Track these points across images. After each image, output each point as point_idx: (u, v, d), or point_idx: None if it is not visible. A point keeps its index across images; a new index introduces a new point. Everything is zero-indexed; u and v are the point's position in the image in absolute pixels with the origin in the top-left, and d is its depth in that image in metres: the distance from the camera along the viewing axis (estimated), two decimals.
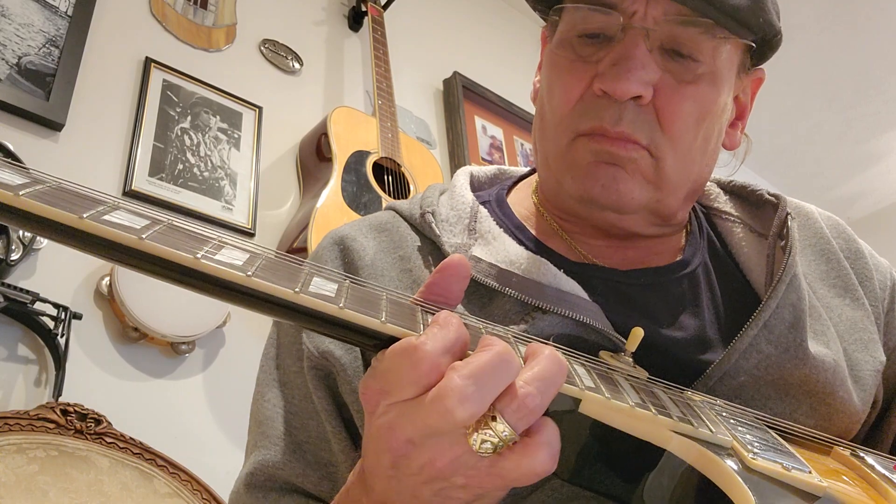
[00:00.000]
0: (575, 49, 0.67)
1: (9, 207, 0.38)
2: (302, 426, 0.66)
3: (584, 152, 0.66)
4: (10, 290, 1.37)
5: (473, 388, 0.40)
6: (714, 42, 0.64)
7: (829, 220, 0.80)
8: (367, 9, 2.33)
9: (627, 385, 0.50)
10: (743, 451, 0.48)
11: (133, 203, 0.44)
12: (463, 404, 0.40)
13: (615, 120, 0.63)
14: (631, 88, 0.62)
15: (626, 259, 0.71)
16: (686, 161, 0.67)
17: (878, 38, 2.82)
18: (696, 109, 0.65)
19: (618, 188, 0.65)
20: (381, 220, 0.75)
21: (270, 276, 0.41)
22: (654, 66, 0.63)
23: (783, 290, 0.65)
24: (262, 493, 0.65)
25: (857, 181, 3.51)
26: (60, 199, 0.39)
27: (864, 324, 0.70)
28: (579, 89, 0.66)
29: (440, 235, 0.69)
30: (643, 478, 0.49)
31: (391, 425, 0.42)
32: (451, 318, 0.44)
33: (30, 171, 0.41)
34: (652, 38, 0.63)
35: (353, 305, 0.43)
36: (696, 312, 0.68)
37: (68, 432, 1.33)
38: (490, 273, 0.64)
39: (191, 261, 0.40)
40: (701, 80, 0.65)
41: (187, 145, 1.84)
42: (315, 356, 0.65)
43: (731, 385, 0.62)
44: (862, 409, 0.66)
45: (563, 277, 0.64)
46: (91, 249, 0.40)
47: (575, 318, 0.60)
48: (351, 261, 0.69)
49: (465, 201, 0.73)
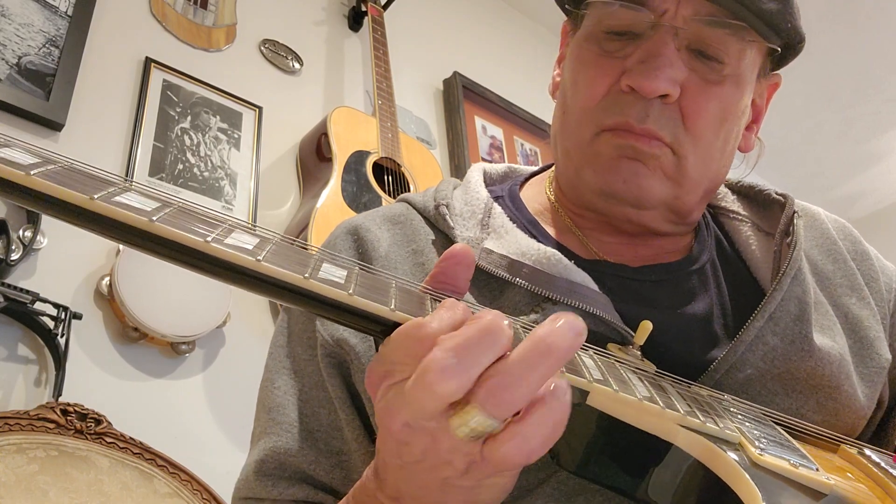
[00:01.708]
0: (602, 44, 0.67)
1: (20, 187, 0.38)
2: (313, 414, 0.66)
3: (607, 147, 0.66)
4: (10, 290, 1.37)
5: (454, 361, 0.38)
6: (741, 45, 0.65)
7: (835, 222, 0.80)
8: (367, 9, 2.33)
9: (635, 378, 0.49)
10: (750, 447, 0.48)
11: (144, 185, 0.44)
12: (443, 377, 0.38)
13: (641, 117, 0.64)
14: (660, 86, 0.63)
15: (638, 256, 0.71)
16: (706, 160, 0.67)
17: (878, 37, 2.82)
18: (719, 110, 0.66)
19: (639, 183, 0.65)
20: (395, 212, 0.75)
21: (280, 261, 0.41)
22: (682, 65, 0.64)
23: (788, 283, 0.65)
24: (273, 482, 0.64)
25: (857, 181, 3.51)
26: (71, 179, 0.39)
27: (869, 322, 0.70)
28: (605, 84, 0.66)
29: (453, 228, 0.69)
30: (649, 471, 0.48)
31: (389, 408, 0.41)
32: (457, 303, 0.43)
33: (41, 151, 0.41)
34: (680, 37, 0.64)
35: (362, 292, 0.42)
36: (703, 308, 0.68)
37: (68, 432, 1.32)
38: (501, 264, 0.65)
39: (200, 244, 0.40)
40: (726, 82, 0.65)
41: (187, 145, 1.84)
42: (330, 344, 0.65)
43: (737, 378, 0.61)
44: (867, 406, 0.66)
45: (574, 269, 0.64)
46: (101, 230, 0.40)
47: (584, 308, 0.60)
48: (365, 251, 0.70)
49: (479, 197, 0.73)
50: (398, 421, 0.41)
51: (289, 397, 0.67)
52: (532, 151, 2.72)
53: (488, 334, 0.39)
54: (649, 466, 0.48)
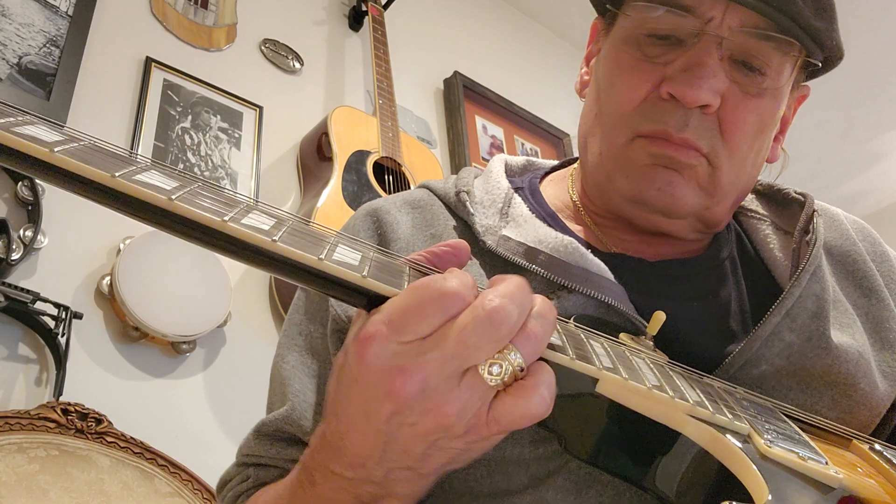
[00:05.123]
0: (642, 48, 0.66)
1: (44, 163, 0.39)
2: (320, 389, 0.66)
3: (641, 154, 0.65)
4: (11, 290, 1.37)
5: (513, 307, 0.40)
6: (783, 59, 0.64)
7: (854, 223, 0.79)
8: (368, 8, 2.33)
9: (646, 367, 0.49)
10: (759, 439, 0.47)
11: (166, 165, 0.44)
12: (506, 321, 0.40)
13: (681, 126, 0.63)
14: (702, 97, 0.62)
15: (657, 253, 0.71)
16: (739, 171, 0.67)
17: (881, 37, 2.82)
18: (757, 122, 0.65)
19: (673, 192, 0.65)
20: (416, 196, 0.75)
21: (296, 242, 0.42)
22: (724, 75, 0.63)
23: (806, 280, 0.65)
24: (270, 442, 0.66)
25: (859, 180, 3.51)
26: (94, 157, 0.40)
27: (890, 324, 0.69)
28: (644, 90, 0.65)
29: (473, 215, 0.69)
30: (657, 460, 0.48)
31: (402, 367, 0.40)
32: (461, 270, 0.44)
33: (64, 128, 0.42)
34: (724, 47, 0.63)
35: (376, 274, 0.43)
36: (720, 304, 0.67)
37: (69, 432, 1.32)
38: (518, 251, 0.65)
39: (218, 223, 0.40)
40: (765, 94, 0.65)
41: (188, 145, 1.83)
42: (342, 320, 0.65)
43: (752, 374, 0.61)
44: (883, 405, 0.65)
45: (591, 258, 0.64)
46: (120, 208, 0.41)
47: (599, 297, 0.60)
48: (384, 233, 0.70)
49: (500, 187, 0.73)
50: (414, 380, 0.40)
51: (296, 371, 0.68)
52: (532, 151, 2.72)
53: (524, 287, 0.42)
54: (657, 455, 0.48)
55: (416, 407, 0.41)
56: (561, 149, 2.79)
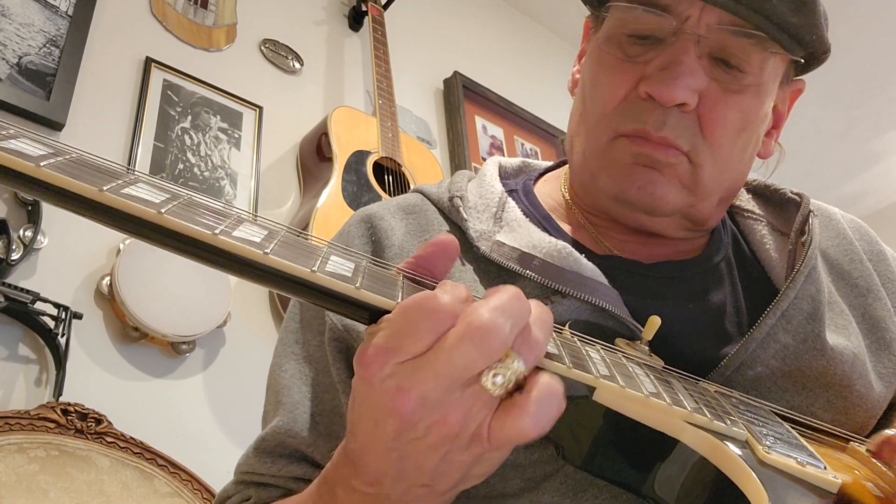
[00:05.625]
0: (623, 48, 0.66)
1: (30, 178, 0.38)
2: (317, 398, 0.66)
3: (623, 153, 0.66)
4: (11, 290, 1.36)
5: (503, 320, 0.40)
6: (764, 55, 0.64)
7: (851, 222, 0.79)
8: (368, 8, 2.33)
9: (642, 374, 0.49)
10: (757, 445, 0.47)
11: (154, 177, 0.44)
12: (497, 335, 0.40)
13: (658, 125, 0.63)
14: (678, 95, 0.62)
15: (652, 254, 0.71)
16: (723, 168, 0.67)
17: (881, 37, 2.82)
18: (738, 119, 0.65)
19: (653, 191, 0.65)
20: (410, 202, 0.75)
21: (288, 254, 0.41)
22: (702, 73, 0.63)
23: (802, 282, 0.65)
24: (272, 459, 0.65)
25: (858, 180, 3.51)
26: (81, 170, 0.39)
27: (886, 324, 0.69)
28: (624, 89, 0.66)
29: (467, 220, 0.69)
30: (655, 468, 0.48)
31: (400, 387, 0.41)
32: (455, 283, 0.44)
33: (50, 141, 0.41)
34: (702, 46, 0.63)
35: (369, 285, 0.42)
36: (715, 306, 0.67)
37: (69, 432, 1.32)
38: (512, 256, 0.65)
39: (208, 237, 0.40)
40: (746, 91, 0.65)
41: (188, 145, 1.83)
42: (338, 329, 0.65)
43: (747, 376, 0.61)
44: (880, 406, 0.65)
45: (585, 263, 0.64)
46: (109, 222, 0.40)
47: (593, 302, 0.60)
48: (378, 239, 0.70)
49: (494, 190, 0.73)
50: (413, 396, 0.40)
51: (294, 380, 0.67)
52: (532, 151, 2.72)
53: (519, 297, 0.42)
54: (655, 463, 0.48)
55: (420, 422, 0.41)
56: (561, 149, 2.79)
